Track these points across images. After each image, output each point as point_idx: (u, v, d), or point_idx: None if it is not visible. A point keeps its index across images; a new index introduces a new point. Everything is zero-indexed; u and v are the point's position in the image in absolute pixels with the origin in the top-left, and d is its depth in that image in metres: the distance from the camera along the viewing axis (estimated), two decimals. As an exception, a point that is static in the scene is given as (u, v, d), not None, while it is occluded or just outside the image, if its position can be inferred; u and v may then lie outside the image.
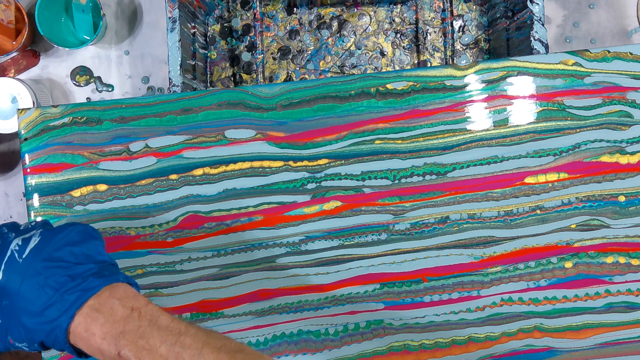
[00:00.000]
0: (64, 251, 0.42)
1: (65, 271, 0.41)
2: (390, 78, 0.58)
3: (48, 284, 0.41)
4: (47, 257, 0.42)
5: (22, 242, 0.42)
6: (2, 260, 0.42)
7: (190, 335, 0.40)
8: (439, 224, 0.58)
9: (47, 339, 0.41)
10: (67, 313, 0.41)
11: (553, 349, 0.57)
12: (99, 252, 0.44)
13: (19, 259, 0.42)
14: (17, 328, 0.42)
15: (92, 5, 0.77)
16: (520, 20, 0.69)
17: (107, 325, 0.40)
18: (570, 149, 0.58)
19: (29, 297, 0.41)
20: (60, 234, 0.43)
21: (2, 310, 0.42)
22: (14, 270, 0.42)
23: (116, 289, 0.42)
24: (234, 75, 0.80)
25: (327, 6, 0.80)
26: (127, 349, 0.39)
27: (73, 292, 0.41)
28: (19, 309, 0.41)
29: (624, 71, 0.58)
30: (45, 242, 0.42)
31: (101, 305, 0.41)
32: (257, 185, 0.58)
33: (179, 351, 0.39)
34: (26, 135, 0.58)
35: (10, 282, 0.41)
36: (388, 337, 0.57)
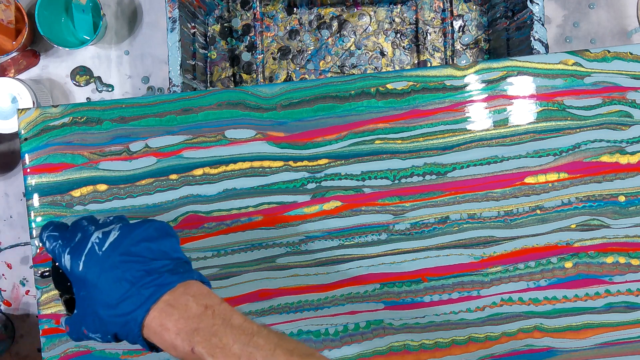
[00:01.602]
0: (142, 246, 0.43)
1: (141, 266, 0.42)
2: (390, 78, 0.58)
3: (125, 278, 0.42)
4: (125, 251, 0.42)
5: (102, 235, 0.43)
6: (83, 252, 0.43)
7: (262, 336, 0.40)
8: (439, 224, 0.58)
9: (122, 331, 0.42)
10: (142, 307, 0.41)
11: (553, 349, 0.57)
12: (174, 249, 0.44)
13: (99, 251, 0.43)
14: (93, 319, 0.43)
15: (92, 5, 0.77)
16: (520, 20, 0.69)
17: (181, 321, 0.40)
18: (570, 149, 0.58)
19: (106, 289, 0.42)
20: (138, 230, 0.44)
21: (79, 301, 0.43)
22: (93, 263, 0.42)
23: (190, 286, 0.42)
24: (234, 75, 0.80)
25: (327, 6, 0.80)
26: (201, 346, 0.40)
27: (149, 287, 0.41)
28: (96, 300, 0.42)
29: (624, 71, 0.58)
30: (124, 236, 0.43)
31: (176, 301, 0.41)
32: (257, 185, 0.58)
33: (252, 351, 0.39)
34: (26, 135, 0.58)
35: (90, 273, 0.42)
36: (388, 337, 0.57)
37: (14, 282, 0.79)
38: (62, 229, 0.45)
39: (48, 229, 0.46)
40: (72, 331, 0.45)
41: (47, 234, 0.45)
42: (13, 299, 0.79)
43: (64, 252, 0.44)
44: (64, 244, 0.44)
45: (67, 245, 0.44)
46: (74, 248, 0.43)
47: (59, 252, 0.44)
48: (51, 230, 0.45)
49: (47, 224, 0.46)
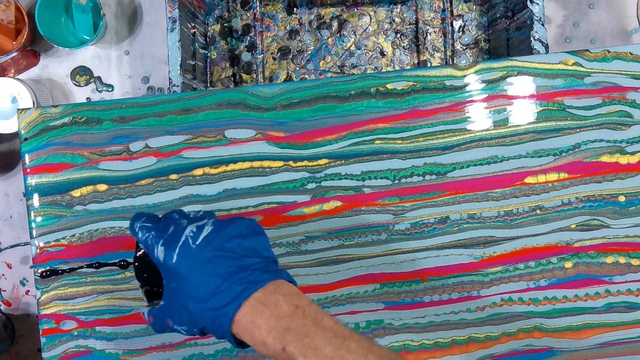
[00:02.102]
0: (234, 243, 0.43)
1: (234, 262, 0.42)
2: (390, 78, 0.58)
3: (217, 273, 0.42)
4: (217, 246, 0.43)
5: (196, 229, 0.44)
6: (177, 244, 0.43)
7: (354, 340, 0.40)
8: (439, 224, 0.58)
9: (211, 325, 0.42)
10: (234, 303, 0.41)
11: (553, 349, 0.57)
12: (265, 247, 0.45)
13: (193, 245, 0.43)
14: (180, 312, 0.43)
15: (92, 5, 0.77)
16: (520, 20, 0.69)
17: (273, 320, 0.40)
18: (570, 149, 0.58)
19: (198, 282, 0.42)
20: (231, 226, 0.44)
21: (168, 293, 0.44)
22: (187, 256, 0.43)
23: (281, 285, 0.42)
24: (234, 75, 0.80)
25: (327, 6, 0.80)
26: (293, 345, 0.40)
27: (241, 283, 0.42)
28: (186, 293, 0.42)
29: (624, 71, 0.58)
30: (217, 232, 0.43)
31: (267, 299, 0.41)
32: (257, 185, 0.58)
33: (344, 354, 0.39)
34: (26, 135, 0.58)
35: (183, 266, 0.43)
36: (388, 337, 0.57)
37: (14, 282, 0.79)
38: (154, 220, 0.46)
39: (141, 219, 0.46)
40: (155, 322, 0.45)
41: (140, 224, 0.45)
42: (13, 299, 0.79)
43: (158, 243, 0.44)
44: (157, 235, 0.44)
45: (161, 236, 0.44)
46: (167, 240, 0.44)
47: (151, 243, 0.44)
48: (144, 221, 0.46)
49: (139, 214, 0.46)
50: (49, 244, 0.57)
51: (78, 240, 0.58)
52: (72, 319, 0.57)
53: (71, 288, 0.57)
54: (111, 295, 0.57)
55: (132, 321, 0.57)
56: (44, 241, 0.57)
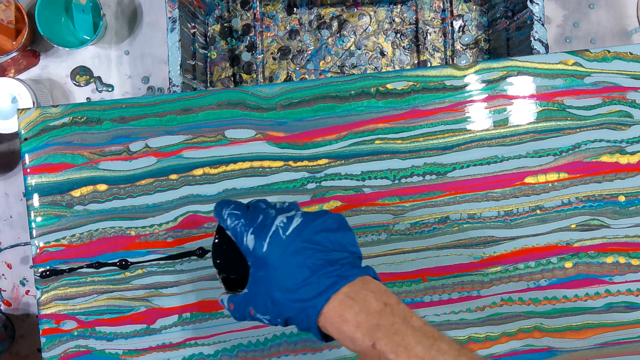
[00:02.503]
0: (322, 236, 0.43)
1: (322, 255, 0.42)
2: (390, 78, 0.58)
3: (306, 264, 0.42)
4: (307, 238, 0.43)
5: (286, 220, 0.44)
6: (268, 233, 0.43)
7: (445, 342, 0.40)
8: (439, 224, 0.58)
9: (297, 316, 0.42)
10: (322, 295, 0.41)
11: (553, 349, 0.57)
12: (351, 243, 0.45)
13: (283, 235, 0.43)
14: (265, 301, 0.43)
15: (92, 5, 0.77)
16: (520, 20, 0.69)
17: (362, 315, 0.40)
18: (570, 149, 0.58)
19: (287, 273, 0.42)
20: (319, 219, 0.44)
21: (254, 281, 0.44)
22: (277, 245, 0.43)
23: (369, 281, 0.42)
24: (234, 75, 0.80)
25: (327, 6, 0.80)
26: (383, 342, 0.39)
27: (329, 277, 0.42)
28: (273, 283, 0.43)
29: (624, 71, 0.58)
30: (306, 224, 0.43)
31: (355, 294, 0.41)
32: (257, 185, 0.58)
33: (435, 355, 0.39)
34: (26, 135, 0.58)
35: (272, 255, 0.43)
36: (388, 337, 0.57)
37: (14, 282, 0.79)
38: (242, 208, 0.46)
39: (229, 206, 0.46)
40: (236, 309, 0.46)
41: (229, 211, 0.46)
42: (13, 299, 0.79)
43: (247, 231, 0.44)
44: (246, 223, 0.44)
45: (250, 225, 0.44)
46: (257, 229, 0.44)
47: (241, 231, 0.44)
48: (233, 209, 0.46)
49: (226, 201, 0.47)
50: (49, 244, 0.57)
51: (78, 240, 0.58)
52: (72, 319, 0.57)
53: (71, 288, 0.57)
54: (111, 295, 0.57)
55: (132, 321, 0.57)
56: (44, 241, 0.57)
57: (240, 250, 0.45)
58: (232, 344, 0.57)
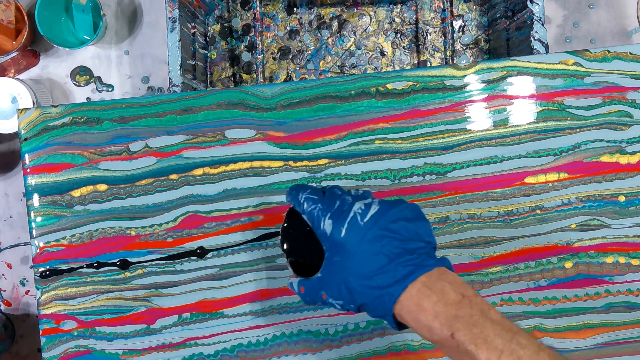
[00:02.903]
0: (399, 225, 0.43)
1: (400, 244, 0.42)
2: (390, 78, 0.58)
3: (383, 252, 0.42)
4: (384, 226, 0.43)
5: (364, 206, 0.44)
6: (346, 219, 0.43)
7: (524, 336, 0.39)
8: (439, 224, 0.58)
9: (372, 303, 0.42)
10: (400, 283, 0.41)
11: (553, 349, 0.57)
12: (427, 233, 0.45)
13: (361, 222, 0.43)
14: (339, 286, 0.43)
15: (92, 5, 0.77)
16: (520, 20, 0.69)
17: (440, 305, 0.40)
18: (570, 149, 0.58)
19: (364, 260, 0.42)
20: (396, 208, 0.44)
21: (329, 266, 0.44)
22: (354, 232, 0.43)
23: (445, 272, 0.42)
24: (234, 75, 0.80)
25: (327, 6, 0.80)
26: (462, 333, 0.39)
27: (407, 266, 0.42)
28: (349, 268, 0.43)
29: (624, 71, 0.58)
30: (384, 211, 0.43)
31: (433, 284, 0.41)
32: (257, 185, 0.58)
33: (515, 348, 0.38)
34: (26, 135, 0.58)
35: (350, 241, 0.43)
36: (388, 337, 0.57)
37: (14, 282, 0.79)
38: (319, 193, 0.46)
39: (306, 190, 0.46)
40: (307, 293, 0.46)
41: (306, 195, 0.46)
42: (13, 299, 0.79)
43: (325, 216, 0.44)
44: (324, 208, 0.45)
45: (328, 210, 0.44)
46: (335, 214, 0.44)
47: (318, 215, 0.45)
48: (310, 193, 0.46)
49: (302, 185, 0.47)
50: (49, 244, 0.57)
51: (78, 240, 0.58)
52: (72, 319, 0.57)
53: (71, 288, 0.57)
54: (111, 295, 0.57)
55: (132, 321, 0.57)
56: (44, 241, 0.57)
57: (316, 234, 0.45)
58: (232, 344, 0.57)
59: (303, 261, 0.48)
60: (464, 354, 0.39)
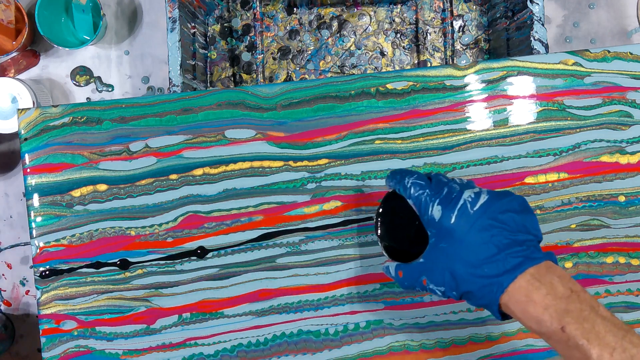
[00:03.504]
0: (508, 216, 0.43)
1: (509, 234, 0.43)
2: (390, 78, 0.58)
3: (492, 242, 0.42)
4: (493, 216, 0.43)
5: (474, 195, 0.44)
6: (456, 206, 0.44)
7: (636, 335, 0.39)
8: (439, 224, 0.58)
9: (478, 291, 0.43)
10: (509, 274, 0.42)
11: (553, 349, 0.57)
12: (534, 226, 0.45)
13: (470, 210, 0.44)
14: (443, 273, 0.44)
15: (92, 5, 0.77)
16: (520, 20, 0.69)
17: (550, 298, 0.40)
18: (570, 149, 0.58)
19: (472, 248, 0.43)
20: (505, 199, 0.44)
21: (433, 252, 0.45)
22: (464, 219, 0.43)
23: (553, 266, 0.42)
24: (234, 75, 0.80)
25: (327, 6, 0.80)
26: (573, 327, 0.39)
27: (517, 257, 0.42)
28: (456, 255, 0.43)
29: (624, 71, 0.58)
30: (492, 201, 0.44)
31: (542, 277, 0.41)
32: (257, 185, 0.58)
33: (628, 347, 0.38)
34: (26, 135, 0.58)
35: (459, 228, 0.43)
36: (388, 337, 0.57)
37: (14, 282, 0.79)
38: (425, 179, 0.47)
39: (412, 175, 0.47)
40: (406, 278, 0.47)
41: (413, 180, 0.46)
42: (13, 299, 0.79)
43: (434, 202, 0.45)
44: (432, 194, 0.45)
45: (437, 196, 0.45)
46: (444, 200, 0.44)
47: (426, 201, 0.45)
48: (417, 178, 0.46)
49: (407, 170, 0.48)
50: (49, 244, 0.57)
51: (78, 240, 0.58)
52: (72, 319, 0.57)
53: (71, 288, 0.57)
54: (111, 295, 0.57)
55: (132, 321, 0.57)
56: (44, 241, 0.57)
57: (422, 220, 0.46)
58: (232, 344, 0.57)
59: (397, 247, 0.49)
60: (574, 349, 0.39)
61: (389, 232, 0.50)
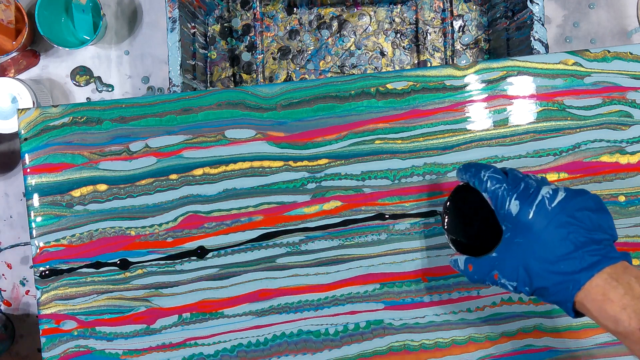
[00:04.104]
0: (584, 214, 0.44)
1: (586, 232, 0.43)
2: (390, 78, 0.58)
3: (569, 239, 0.43)
4: (570, 213, 0.43)
5: (552, 192, 0.44)
6: (534, 202, 0.44)
7: None
8: (439, 224, 0.58)
9: (553, 288, 0.43)
10: (586, 272, 0.42)
11: (553, 349, 0.57)
12: (610, 226, 0.45)
13: (548, 206, 0.44)
14: (516, 268, 0.44)
15: (92, 5, 0.77)
16: (520, 20, 0.69)
17: (627, 298, 0.40)
18: (570, 149, 0.58)
19: (548, 244, 0.43)
20: (581, 197, 0.45)
21: (507, 246, 0.45)
22: (542, 215, 0.44)
23: (629, 267, 0.42)
24: (234, 75, 0.80)
25: (327, 6, 0.80)
26: None
27: (594, 255, 0.42)
28: (531, 251, 0.44)
29: (624, 71, 0.58)
30: (569, 199, 0.44)
31: (618, 277, 0.41)
32: (257, 185, 0.58)
33: None
34: (26, 135, 0.58)
35: (537, 224, 0.44)
36: (388, 337, 0.57)
37: (14, 282, 0.79)
38: (501, 173, 0.47)
39: (489, 169, 0.47)
40: (476, 272, 0.47)
41: (490, 174, 0.46)
42: (13, 299, 0.79)
43: (511, 196, 0.45)
44: (509, 189, 0.45)
45: (514, 191, 0.45)
46: (521, 195, 0.45)
47: (503, 195, 0.45)
48: (493, 172, 0.47)
49: (481, 164, 0.48)
50: (49, 244, 0.57)
51: (78, 240, 0.58)
52: (72, 319, 0.57)
53: (71, 288, 0.57)
54: (111, 295, 0.57)
55: (132, 321, 0.57)
56: (44, 241, 0.57)
57: (497, 214, 0.46)
58: (232, 344, 0.57)
59: (464, 240, 0.50)
60: None
61: (457, 226, 0.51)
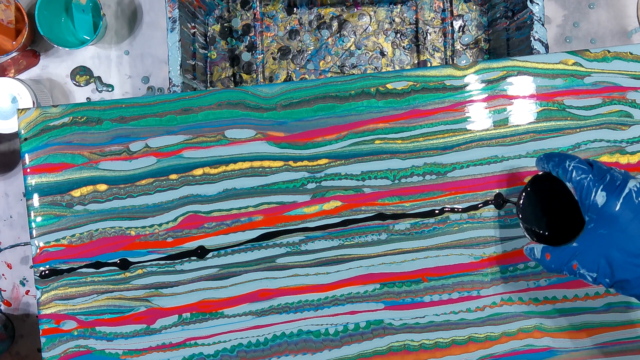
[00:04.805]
0: None
1: None
2: (390, 78, 0.58)
3: None
4: None
5: (639, 185, 0.45)
6: (621, 194, 0.44)
7: None
8: (439, 224, 0.58)
9: (635, 280, 0.44)
10: None
11: (553, 349, 0.57)
12: None
13: (635, 199, 0.44)
14: (598, 259, 0.45)
15: (92, 5, 0.77)
16: (520, 20, 0.69)
17: None
18: (570, 148, 0.58)
19: (634, 237, 0.44)
20: None
21: (590, 237, 0.45)
22: (629, 207, 0.44)
23: None
24: (234, 75, 0.80)
25: (327, 6, 0.80)
26: None
27: None
28: (615, 243, 0.44)
29: (624, 71, 0.58)
30: None
31: None
32: (257, 185, 0.58)
33: None
34: (26, 135, 0.58)
35: (623, 216, 0.44)
36: (388, 337, 0.57)
37: (14, 282, 0.79)
38: (586, 164, 0.47)
39: (574, 159, 0.47)
40: (554, 261, 0.47)
41: (575, 164, 0.47)
42: (13, 299, 0.79)
43: (598, 187, 0.45)
44: (595, 180, 0.45)
45: (601, 182, 0.45)
46: (608, 187, 0.45)
47: (588, 185, 0.45)
48: (579, 162, 0.47)
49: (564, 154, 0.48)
50: (49, 244, 0.57)
51: (78, 240, 0.58)
52: (72, 319, 0.57)
53: (71, 288, 0.57)
54: (111, 295, 0.57)
55: (132, 321, 0.57)
56: (44, 241, 0.57)
57: (581, 205, 0.46)
58: (232, 344, 0.57)
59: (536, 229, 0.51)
60: None
61: (532, 215, 0.52)
